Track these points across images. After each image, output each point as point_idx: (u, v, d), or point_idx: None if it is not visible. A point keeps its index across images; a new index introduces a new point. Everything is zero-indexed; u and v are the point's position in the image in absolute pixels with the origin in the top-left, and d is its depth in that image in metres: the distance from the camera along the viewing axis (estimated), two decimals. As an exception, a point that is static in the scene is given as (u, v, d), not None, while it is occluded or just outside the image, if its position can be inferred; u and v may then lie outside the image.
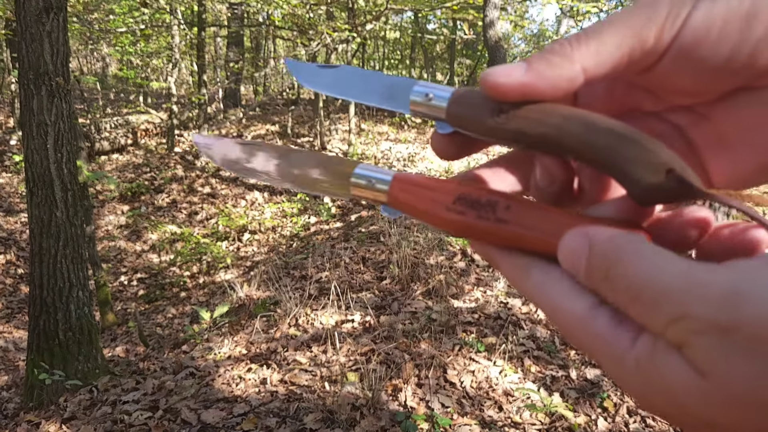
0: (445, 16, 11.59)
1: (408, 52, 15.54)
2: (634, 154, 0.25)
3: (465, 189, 0.28)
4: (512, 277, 0.27)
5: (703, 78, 0.26)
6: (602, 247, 0.23)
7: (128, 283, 6.02)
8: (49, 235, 3.24)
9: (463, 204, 0.28)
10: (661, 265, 0.21)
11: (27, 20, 3.06)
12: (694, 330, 0.19)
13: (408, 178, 0.30)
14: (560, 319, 0.25)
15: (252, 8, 9.24)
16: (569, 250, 0.24)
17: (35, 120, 3.15)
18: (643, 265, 0.21)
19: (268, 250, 5.75)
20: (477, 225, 0.27)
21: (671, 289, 0.20)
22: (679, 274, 0.20)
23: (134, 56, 11.27)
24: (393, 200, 0.30)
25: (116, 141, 9.59)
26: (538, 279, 0.26)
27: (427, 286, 3.75)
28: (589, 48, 0.25)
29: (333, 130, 9.61)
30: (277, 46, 15.71)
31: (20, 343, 4.43)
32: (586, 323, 0.24)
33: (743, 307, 0.18)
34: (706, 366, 0.20)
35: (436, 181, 0.29)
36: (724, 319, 0.19)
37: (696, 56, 0.25)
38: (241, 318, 3.76)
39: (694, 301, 0.19)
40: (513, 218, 0.27)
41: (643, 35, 0.25)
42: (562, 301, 0.25)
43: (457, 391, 2.61)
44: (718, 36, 0.24)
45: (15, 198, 7.63)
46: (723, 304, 0.19)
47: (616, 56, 0.26)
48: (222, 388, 2.78)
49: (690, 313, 0.19)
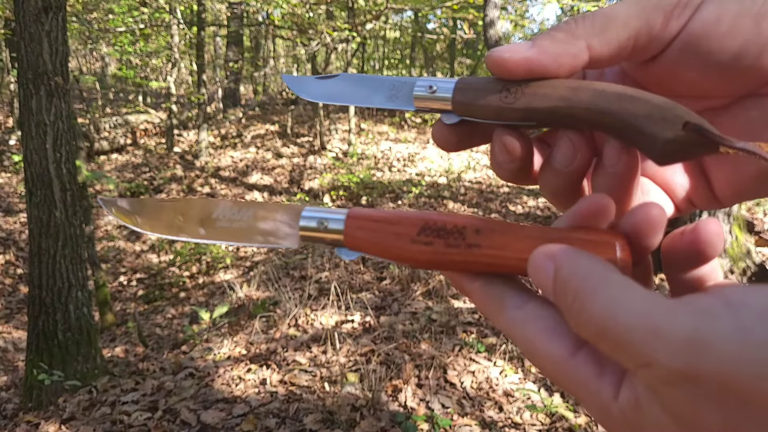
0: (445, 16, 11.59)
1: (408, 52, 15.54)
2: (648, 111, 0.24)
3: (428, 217, 0.27)
4: (486, 310, 0.26)
5: (709, 74, 0.25)
6: (566, 272, 0.22)
7: (127, 284, 6.01)
8: (48, 235, 3.23)
9: (429, 234, 0.26)
10: (624, 303, 0.20)
11: (26, 20, 3.05)
12: (661, 379, 0.19)
13: (364, 213, 0.28)
14: (540, 361, 0.24)
15: (251, 7, 9.24)
16: (536, 271, 0.24)
17: (34, 120, 3.15)
18: (604, 301, 0.20)
19: (267, 251, 5.75)
20: (447, 253, 0.26)
21: (634, 333, 0.19)
22: (642, 317, 0.19)
23: (133, 56, 11.26)
24: (351, 240, 0.28)
25: (115, 141, 9.58)
26: (513, 314, 0.25)
27: (427, 286, 3.75)
28: (595, 26, 0.25)
29: (333, 129, 9.60)
30: (277, 46, 15.71)
31: (19, 343, 4.42)
32: (568, 369, 0.23)
33: (706, 356, 0.18)
34: (679, 412, 0.19)
35: (395, 213, 0.28)
36: (688, 368, 0.18)
37: (703, 49, 0.24)
38: (241, 318, 3.76)
39: (658, 349, 0.19)
40: (484, 241, 0.26)
41: (652, 19, 0.25)
42: (540, 341, 0.24)
43: (457, 391, 2.61)
44: (727, 31, 0.24)
45: (14, 198, 7.62)
46: (686, 352, 0.18)
47: (623, 37, 0.25)
48: (221, 388, 2.78)
49: (655, 362, 0.19)
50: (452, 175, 7.20)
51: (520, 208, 5.77)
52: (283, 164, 8.47)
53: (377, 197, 6.46)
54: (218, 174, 8.36)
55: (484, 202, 5.98)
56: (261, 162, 8.68)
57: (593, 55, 0.26)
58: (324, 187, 7.17)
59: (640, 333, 0.19)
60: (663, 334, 0.18)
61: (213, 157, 9.06)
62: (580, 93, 0.26)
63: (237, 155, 9.13)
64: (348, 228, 0.28)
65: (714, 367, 0.17)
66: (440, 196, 6.19)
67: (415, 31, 13.56)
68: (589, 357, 0.22)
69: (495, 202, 5.97)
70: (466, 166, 7.64)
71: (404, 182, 6.89)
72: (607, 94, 0.25)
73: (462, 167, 7.59)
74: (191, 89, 10.83)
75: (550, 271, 0.23)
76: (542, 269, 0.23)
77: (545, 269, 0.23)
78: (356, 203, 6.54)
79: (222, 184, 8.06)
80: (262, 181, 7.98)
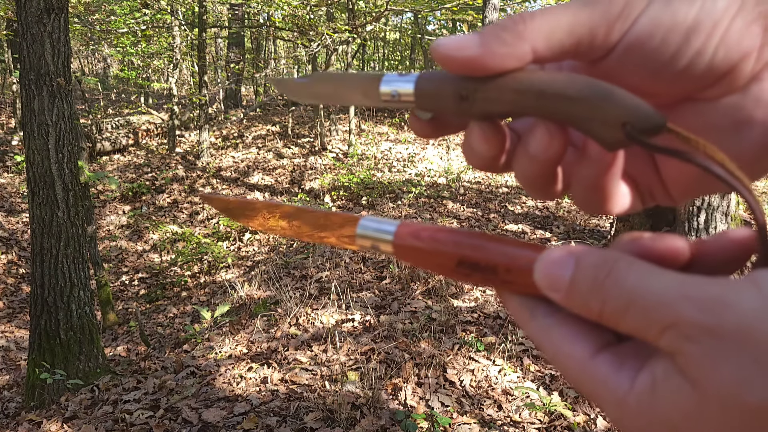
0: (444, 17, 11.59)
1: (408, 53, 15.55)
2: (588, 114, 0.25)
3: (464, 252, 0.28)
4: (518, 317, 0.28)
5: (647, 79, 0.27)
6: (593, 260, 0.24)
7: (129, 283, 6.03)
8: (50, 234, 3.25)
9: (466, 267, 0.28)
10: (654, 274, 0.22)
11: (28, 21, 3.07)
12: (685, 335, 0.20)
13: (408, 243, 0.30)
14: (561, 362, 0.26)
15: (253, 9, 9.26)
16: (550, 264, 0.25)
17: (36, 120, 3.17)
18: (636, 274, 0.22)
19: (268, 250, 5.76)
20: (484, 283, 0.28)
21: (664, 296, 0.21)
22: (672, 283, 0.21)
23: (135, 57, 11.28)
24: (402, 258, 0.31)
25: (117, 141, 9.61)
26: (542, 321, 0.27)
27: (426, 285, 3.76)
28: (542, 31, 0.26)
29: (333, 130, 9.62)
30: (278, 47, 15.73)
31: (22, 342, 4.44)
32: (586, 367, 0.24)
33: (729, 312, 0.20)
34: (696, 373, 0.21)
35: (434, 242, 0.29)
36: (712, 321, 0.20)
37: (639, 57, 0.26)
38: (242, 317, 3.77)
39: (685, 307, 0.21)
40: (516, 279, 0.27)
41: (594, 28, 0.26)
42: (563, 344, 0.25)
43: (456, 390, 2.62)
44: (660, 42, 0.25)
45: (16, 198, 7.64)
46: (711, 309, 0.20)
47: (566, 44, 0.27)
48: (223, 387, 2.79)
49: (681, 319, 0.21)
50: (451, 175, 7.21)
51: (519, 208, 5.78)
52: (284, 165, 8.49)
53: (377, 197, 6.47)
54: (220, 174, 8.38)
55: (483, 202, 5.99)
56: (262, 162, 8.70)
57: (537, 56, 0.27)
58: (324, 187, 7.19)
59: (670, 297, 0.21)
60: (692, 294, 0.21)
61: (214, 158, 9.08)
62: (526, 98, 0.27)
63: (238, 156, 9.15)
64: (396, 251, 0.31)
65: (735, 322, 0.20)
66: (440, 196, 6.20)
67: (415, 33, 13.58)
68: (609, 357, 0.24)
69: (494, 202, 5.98)
70: (465, 166, 7.65)
71: (404, 182, 6.90)
72: (548, 96, 0.26)
73: (461, 167, 7.60)
74: (193, 90, 10.85)
75: (569, 263, 0.24)
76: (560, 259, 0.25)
77: (564, 260, 0.24)
78: (356, 203, 6.56)
79: (224, 184, 8.08)
80: (263, 182, 8.00)
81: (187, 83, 13.18)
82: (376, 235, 0.31)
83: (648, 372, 0.23)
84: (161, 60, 11.72)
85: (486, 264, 0.28)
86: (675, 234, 0.26)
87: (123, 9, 10.57)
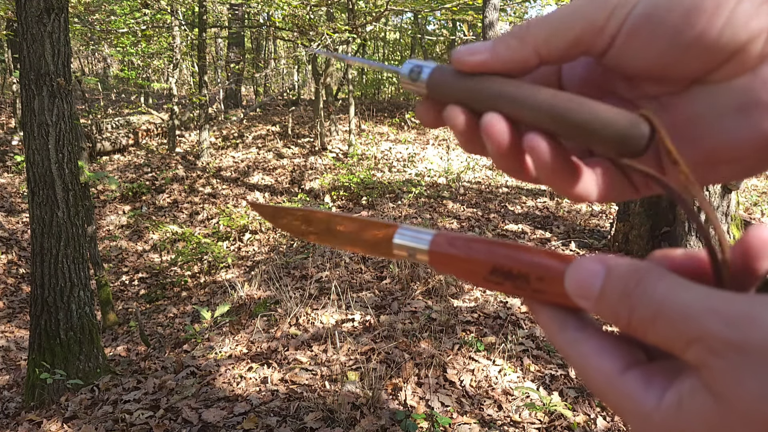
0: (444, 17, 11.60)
1: (408, 53, 15.55)
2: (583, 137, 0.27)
3: (497, 261, 0.29)
4: (548, 328, 0.29)
5: (653, 62, 0.27)
6: (624, 270, 0.24)
7: (129, 283, 6.03)
8: (50, 235, 3.25)
9: (499, 275, 0.29)
10: (683, 287, 0.22)
11: (28, 21, 3.07)
12: (710, 349, 0.21)
13: (443, 253, 0.31)
14: (590, 376, 0.26)
15: (253, 9, 9.26)
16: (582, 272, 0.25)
17: (36, 120, 3.17)
18: (665, 286, 0.23)
19: (268, 250, 5.76)
20: (516, 292, 0.29)
21: (691, 309, 0.21)
22: (699, 297, 0.22)
23: (135, 57, 11.28)
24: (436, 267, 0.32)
25: (117, 141, 9.61)
26: (572, 335, 0.27)
27: (426, 285, 3.76)
28: (542, 32, 0.28)
29: (333, 130, 9.62)
30: (278, 47, 15.73)
31: (22, 342, 4.44)
32: (615, 382, 0.25)
33: (755, 328, 0.20)
34: (721, 387, 0.21)
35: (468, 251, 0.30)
36: (738, 337, 0.20)
37: (641, 41, 0.27)
38: (242, 317, 3.77)
39: (712, 321, 0.21)
40: (548, 288, 0.28)
41: (593, 20, 0.27)
42: (593, 358, 0.26)
43: (456, 390, 2.62)
44: (659, 23, 0.26)
45: (16, 198, 7.65)
46: (737, 324, 0.20)
47: (569, 38, 0.28)
48: (223, 387, 2.79)
49: (707, 333, 0.21)
50: (451, 175, 7.21)
51: (519, 208, 5.79)
52: (284, 164, 8.49)
53: (377, 197, 6.47)
54: (220, 174, 8.38)
55: (483, 202, 5.99)
56: (262, 162, 8.70)
57: (542, 59, 0.28)
58: (325, 187, 7.19)
59: (697, 310, 0.21)
60: (719, 310, 0.21)
61: (214, 158, 9.08)
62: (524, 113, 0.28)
63: (238, 156, 9.15)
64: (432, 259, 0.31)
65: (761, 338, 0.20)
66: (440, 196, 6.20)
67: (415, 33, 13.58)
68: (638, 374, 0.24)
69: (494, 202, 5.98)
70: (465, 166, 7.66)
71: (404, 182, 6.90)
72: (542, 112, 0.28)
73: (461, 167, 7.60)
74: (193, 90, 10.85)
75: (600, 270, 0.25)
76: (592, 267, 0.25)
77: (596, 268, 0.25)
78: (356, 203, 6.56)
79: (224, 184, 8.08)
80: (264, 182, 8.00)
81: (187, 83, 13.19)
82: (412, 244, 0.32)
83: (675, 390, 0.23)
84: (161, 60, 11.73)
85: (518, 272, 0.28)
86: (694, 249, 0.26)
87: (123, 9, 10.57)
